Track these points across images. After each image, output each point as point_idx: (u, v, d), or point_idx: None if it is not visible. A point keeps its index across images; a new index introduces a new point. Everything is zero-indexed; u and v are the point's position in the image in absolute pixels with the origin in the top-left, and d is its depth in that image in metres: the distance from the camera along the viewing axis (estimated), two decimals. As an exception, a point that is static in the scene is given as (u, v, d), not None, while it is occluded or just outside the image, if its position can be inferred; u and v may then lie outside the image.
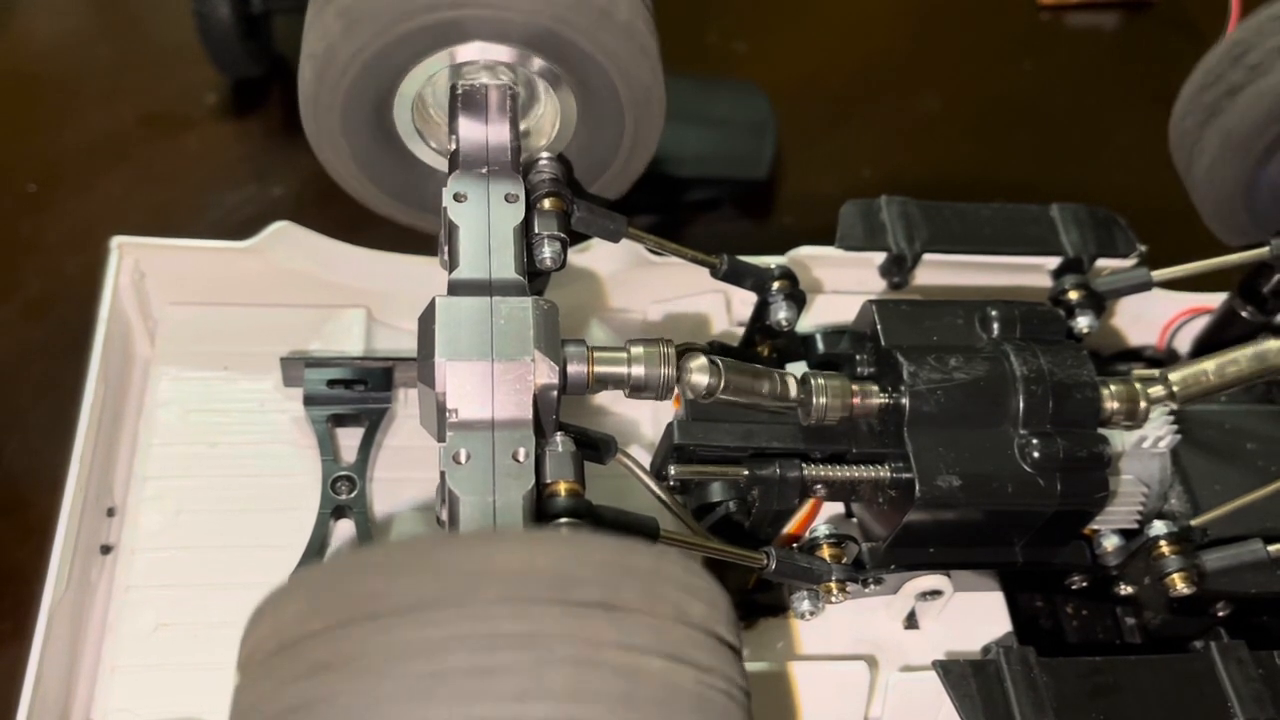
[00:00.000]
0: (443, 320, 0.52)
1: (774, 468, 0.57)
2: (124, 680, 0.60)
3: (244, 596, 0.39)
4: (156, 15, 1.06)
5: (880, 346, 0.59)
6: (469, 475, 0.49)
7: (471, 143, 0.60)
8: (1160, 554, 0.60)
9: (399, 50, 0.58)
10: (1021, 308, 0.60)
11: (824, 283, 0.73)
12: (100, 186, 0.94)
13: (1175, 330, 0.76)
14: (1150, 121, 0.77)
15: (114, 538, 0.65)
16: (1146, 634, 0.65)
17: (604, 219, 0.61)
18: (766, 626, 0.64)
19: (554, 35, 0.58)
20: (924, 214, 0.70)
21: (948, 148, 1.04)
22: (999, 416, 0.56)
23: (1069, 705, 0.55)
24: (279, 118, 0.99)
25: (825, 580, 0.58)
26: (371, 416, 0.68)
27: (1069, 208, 0.71)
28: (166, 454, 0.67)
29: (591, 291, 0.74)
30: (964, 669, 0.56)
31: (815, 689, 0.60)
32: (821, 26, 1.12)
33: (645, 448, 0.69)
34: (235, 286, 0.71)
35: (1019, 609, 0.65)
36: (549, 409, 0.52)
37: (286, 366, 0.68)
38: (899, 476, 0.56)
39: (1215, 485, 0.65)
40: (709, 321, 0.75)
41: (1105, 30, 1.15)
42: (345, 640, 0.35)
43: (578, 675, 0.34)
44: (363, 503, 0.65)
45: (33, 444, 0.80)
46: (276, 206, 0.93)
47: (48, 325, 0.85)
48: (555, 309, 0.53)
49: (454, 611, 0.34)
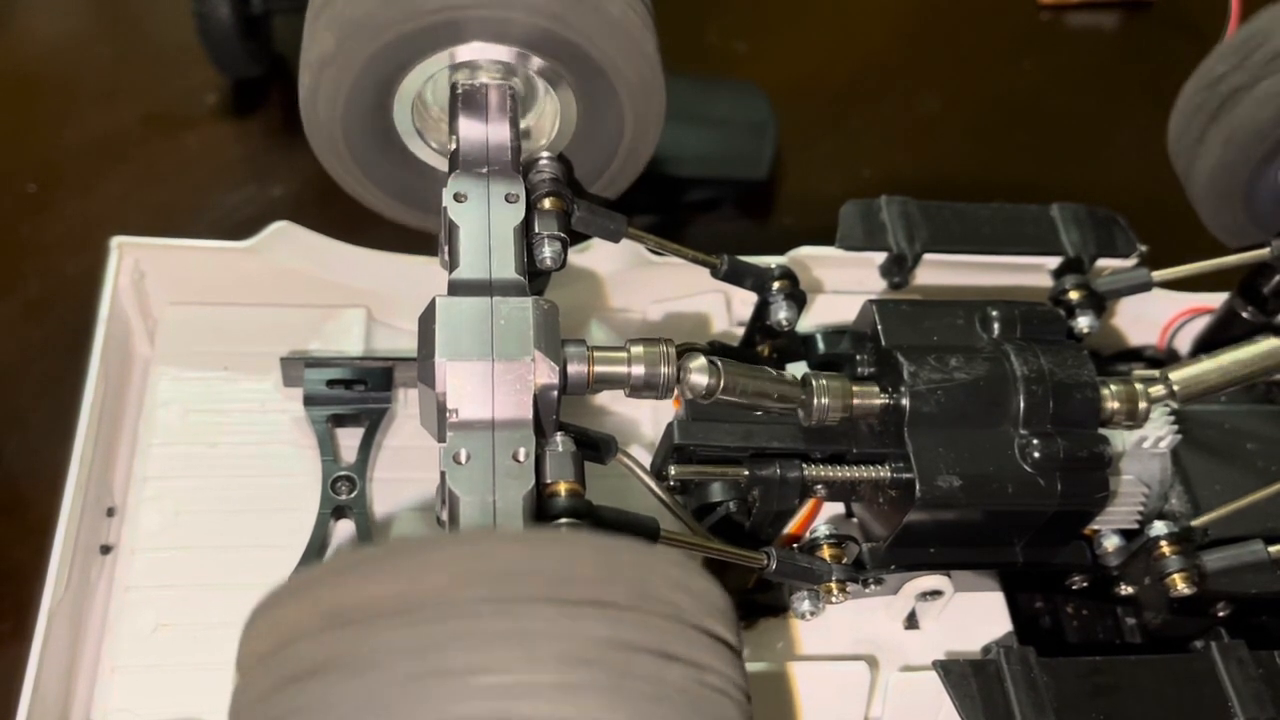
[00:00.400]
0: (443, 320, 0.52)
1: (774, 468, 0.57)
2: (124, 680, 0.60)
3: (244, 597, 0.39)
4: (156, 15, 1.06)
5: (880, 347, 0.59)
6: (469, 475, 0.49)
7: (471, 142, 0.60)
8: (1161, 554, 0.60)
9: (398, 51, 0.58)
10: (1022, 308, 0.60)
11: (824, 283, 0.73)
12: (100, 186, 0.94)
13: (1176, 330, 0.76)
14: (1150, 121, 0.77)
15: (114, 538, 0.65)
16: (1147, 634, 0.65)
17: (604, 219, 0.61)
18: (767, 626, 0.64)
19: (553, 35, 0.58)
20: (924, 214, 0.70)
21: (948, 148, 1.04)
22: (999, 417, 0.56)
23: (1069, 705, 0.55)
24: (279, 118, 0.99)
25: (825, 580, 0.58)
26: (371, 416, 0.68)
27: (1069, 208, 0.71)
28: (166, 454, 0.67)
29: (592, 291, 0.74)
30: (964, 669, 0.56)
31: (815, 689, 0.60)
32: (821, 26, 1.12)
33: (646, 448, 0.69)
34: (235, 286, 0.71)
35: (1019, 609, 0.65)
36: (549, 409, 0.52)
37: (286, 366, 0.68)
38: (899, 477, 0.56)
39: (1216, 485, 0.65)
40: (709, 321, 0.75)
41: (1105, 30, 1.15)
42: (341, 641, 0.35)
43: (570, 674, 0.34)
44: (363, 503, 0.65)
45: (33, 444, 0.79)
46: (276, 206, 0.93)
47: (48, 325, 0.85)
48: (555, 309, 0.53)
49: (447, 611, 0.34)
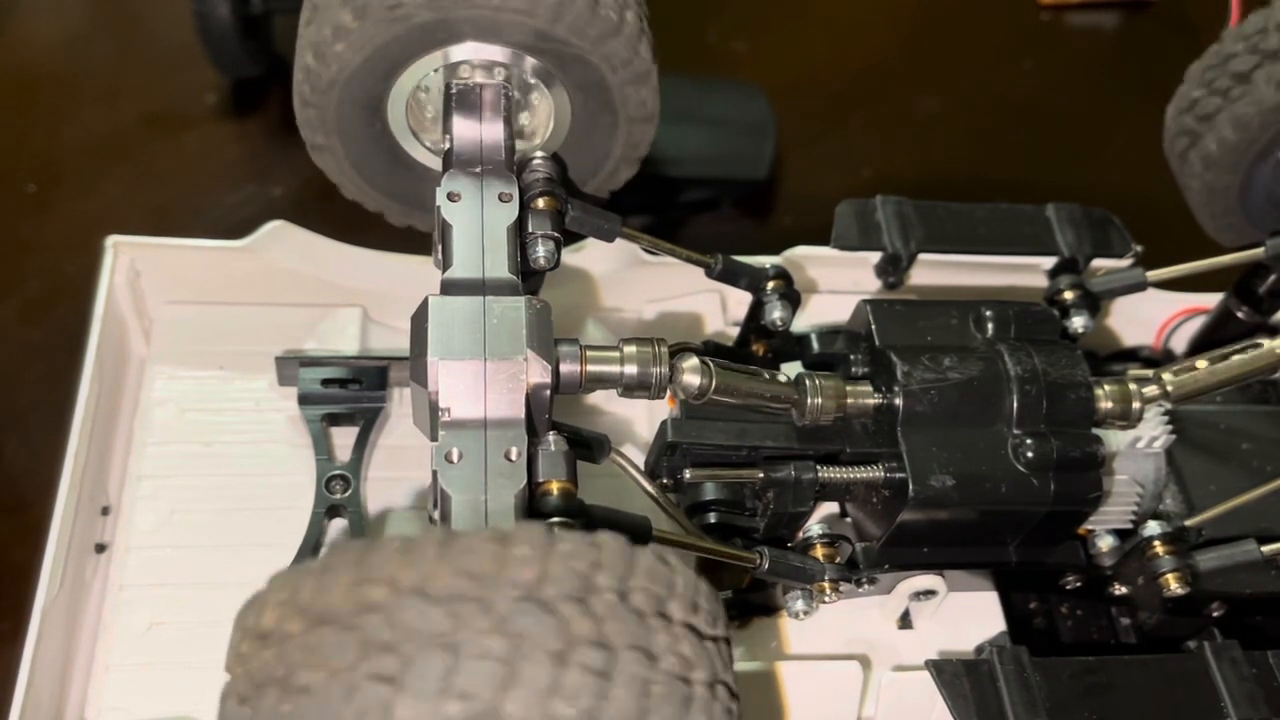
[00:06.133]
0: (435, 319, 0.52)
1: (789, 470, 0.57)
2: (118, 679, 0.60)
3: (238, 596, 0.39)
4: (156, 15, 1.06)
5: (874, 346, 0.59)
6: (461, 474, 0.49)
7: (465, 142, 0.60)
8: (1154, 554, 0.60)
9: (392, 50, 0.58)
10: (1016, 308, 0.60)
11: (819, 282, 0.73)
12: (100, 186, 0.94)
13: (1171, 330, 0.76)
14: (1149, 121, 0.77)
15: (108, 536, 0.65)
16: (1141, 634, 0.65)
17: (598, 218, 0.61)
18: (760, 626, 0.64)
19: (546, 35, 0.58)
20: (919, 214, 0.70)
21: (947, 148, 1.04)
22: (993, 416, 0.56)
23: (1062, 705, 0.55)
24: (279, 118, 0.99)
25: (819, 580, 0.58)
26: (366, 416, 0.68)
27: (1064, 207, 0.71)
28: (161, 453, 0.67)
29: (587, 291, 0.74)
30: (957, 669, 0.56)
31: (808, 689, 0.60)
32: (821, 26, 1.12)
33: (640, 447, 0.69)
34: (231, 286, 0.71)
35: (1013, 609, 0.65)
36: (541, 408, 0.52)
37: (281, 366, 0.69)
38: (893, 476, 0.56)
39: (1210, 485, 0.65)
40: (704, 321, 0.75)
41: (1105, 30, 1.15)
42: (322, 640, 0.35)
43: (550, 671, 0.34)
44: (357, 501, 0.65)
45: (33, 444, 0.80)
46: (276, 206, 0.93)
47: (47, 326, 0.85)
48: (548, 308, 0.53)
49: (429, 610, 0.35)
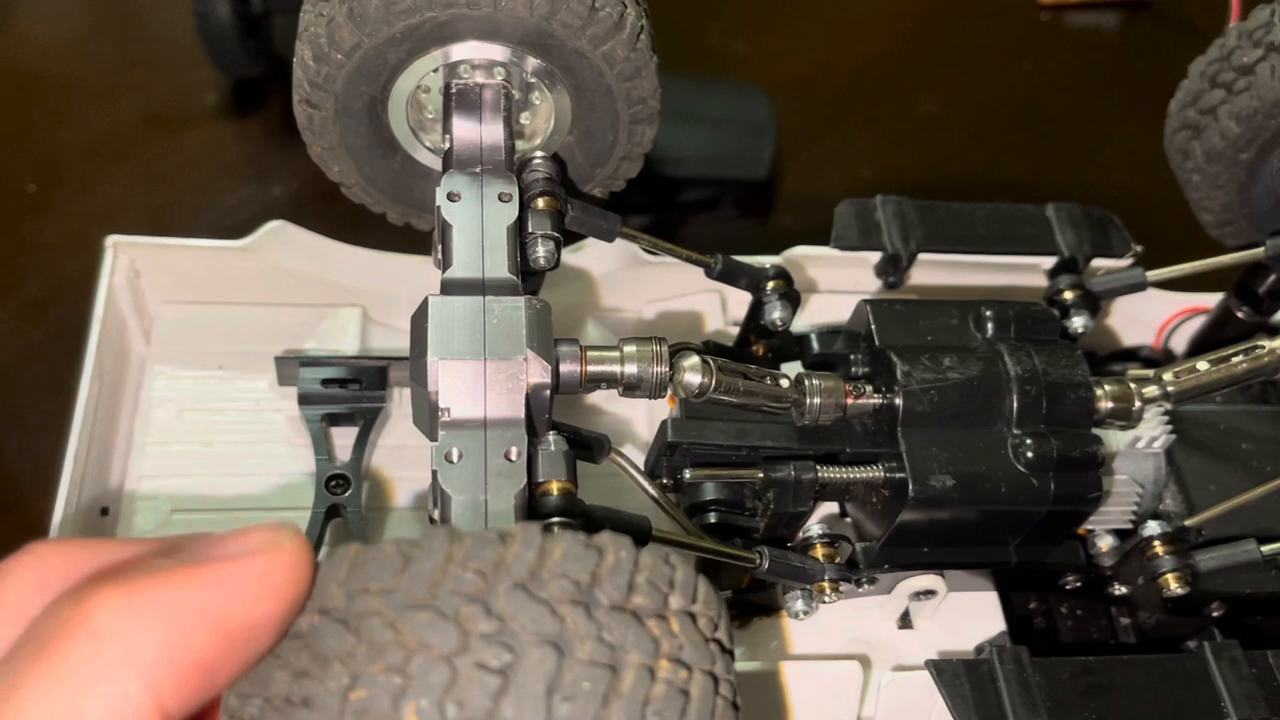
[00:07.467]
0: (435, 319, 0.52)
1: (789, 470, 0.57)
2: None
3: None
4: (156, 15, 1.06)
5: (874, 346, 0.59)
6: (461, 474, 0.48)
7: (465, 142, 0.60)
8: (1154, 554, 0.60)
9: (392, 50, 0.58)
10: (1016, 308, 0.60)
11: (819, 282, 0.73)
12: (100, 186, 0.94)
13: (1171, 330, 0.76)
14: (1149, 121, 0.77)
15: (108, 536, 0.65)
16: (1141, 634, 0.65)
17: (598, 218, 0.61)
18: (760, 626, 0.64)
19: (546, 34, 0.58)
20: (919, 213, 0.70)
21: (947, 148, 1.04)
22: (993, 416, 0.56)
23: (1062, 705, 0.55)
24: (279, 118, 0.99)
25: (819, 580, 0.58)
26: (366, 416, 0.68)
27: (1064, 207, 0.71)
28: (161, 453, 0.67)
29: (587, 291, 0.74)
30: (957, 668, 0.56)
31: (808, 689, 0.60)
32: (821, 26, 1.12)
33: (640, 447, 0.69)
34: (231, 285, 0.71)
35: (1013, 609, 0.65)
36: (541, 408, 0.52)
37: (281, 365, 0.68)
38: (892, 476, 0.56)
39: (1210, 485, 0.65)
40: (704, 321, 0.75)
41: (1105, 30, 1.15)
42: (321, 641, 0.35)
43: (550, 672, 0.34)
44: (357, 502, 0.65)
45: (33, 444, 0.80)
46: (276, 207, 0.93)
47: (47, 326, 0.86)
48: (548, 308, 0.53)
49: (424, 612, 0.35)
